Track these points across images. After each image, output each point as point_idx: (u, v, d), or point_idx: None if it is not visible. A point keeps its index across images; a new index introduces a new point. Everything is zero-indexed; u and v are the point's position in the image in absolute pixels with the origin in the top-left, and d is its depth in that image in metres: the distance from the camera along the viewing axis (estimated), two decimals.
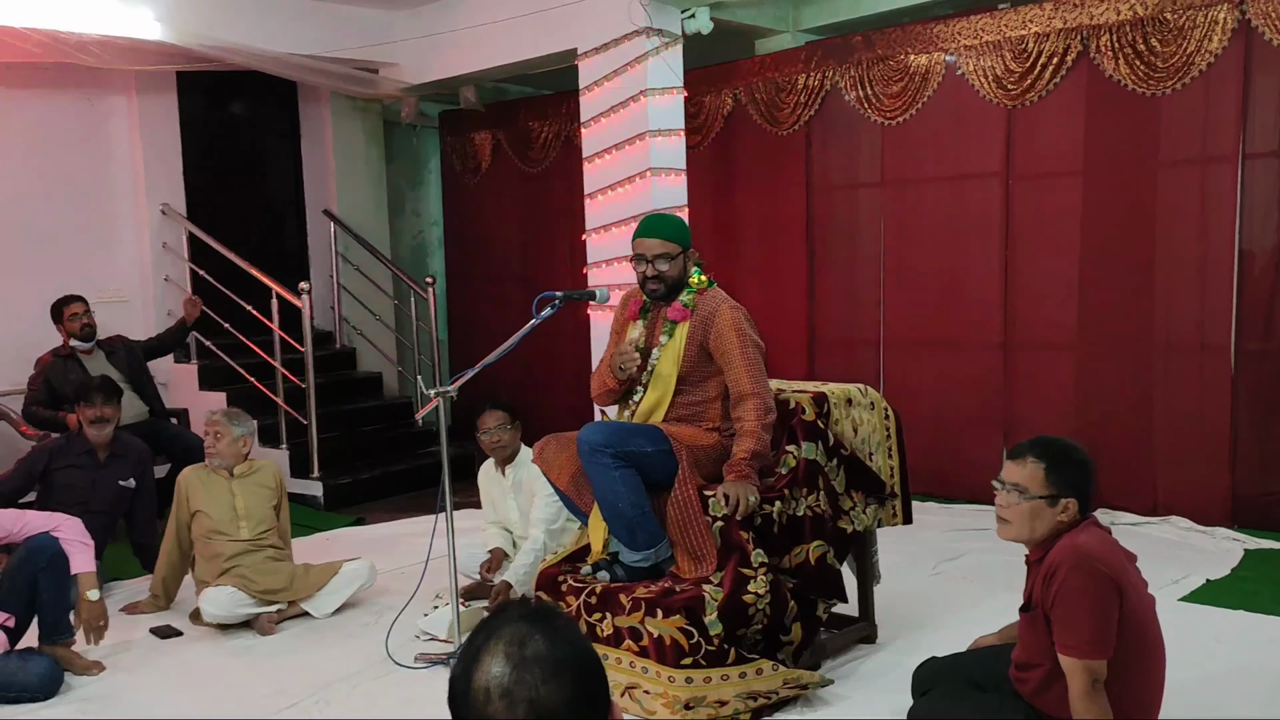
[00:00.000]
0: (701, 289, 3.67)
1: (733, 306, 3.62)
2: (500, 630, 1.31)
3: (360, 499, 6.80)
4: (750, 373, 3.55)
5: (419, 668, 3.83)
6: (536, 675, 1.26)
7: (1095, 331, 5.68)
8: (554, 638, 1.30)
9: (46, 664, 3.73)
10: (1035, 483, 2.68)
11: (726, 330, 3.57)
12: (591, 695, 1.30)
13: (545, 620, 1.33)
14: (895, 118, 6.25)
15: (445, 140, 8.88)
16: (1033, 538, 2.71)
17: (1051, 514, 2.67)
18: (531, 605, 1.38)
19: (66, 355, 5.86)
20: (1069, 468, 2.68)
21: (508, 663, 1.27)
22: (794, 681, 3.33)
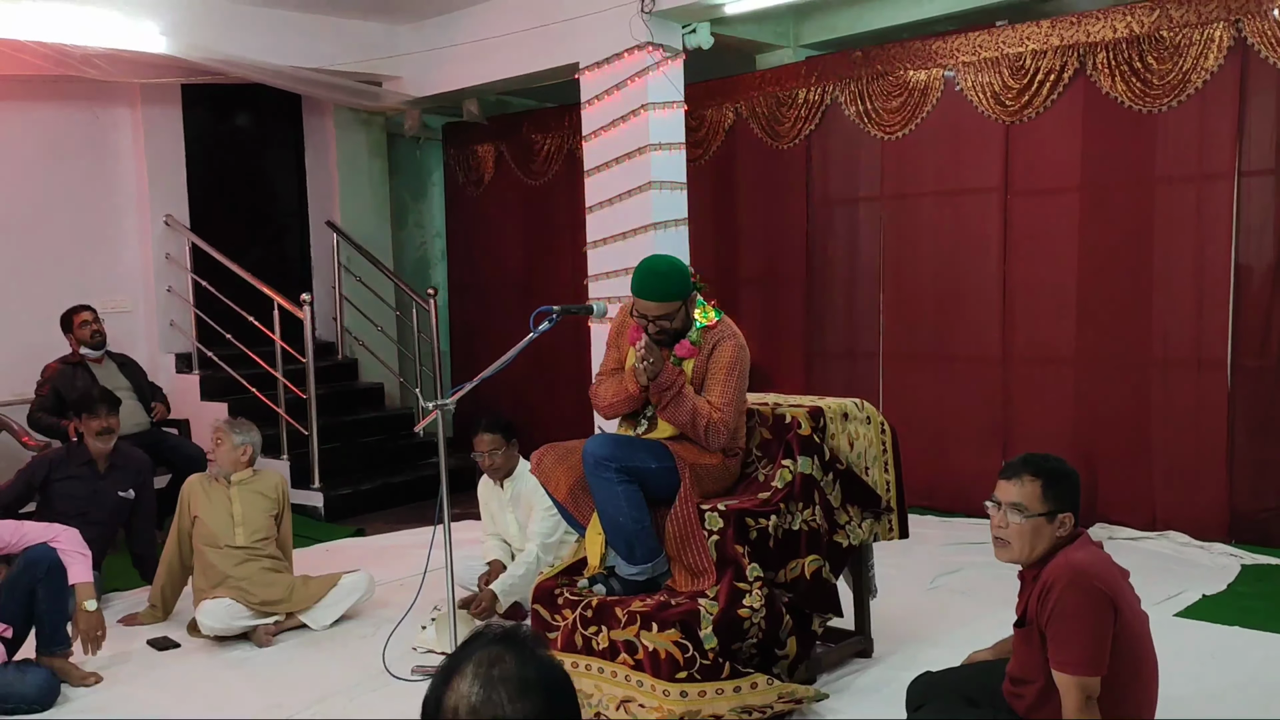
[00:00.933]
0: (710, 324, 3.66)
1: (736, 344, 3.62)
2: (472, 652, 1.34)
3: (361, 510, 6.82)
4: (722, 398, 3.55)
5: (415, 680, 3.84)
6: (503, 695, 1.28)
7: (1093, 347, 5.70)
8: (524, 659, 1.32)
9: (44, 675, 3.75)
10: (1034, 500, 2.69)
11: (719, 362, 3.60)
12: (559, 713, 1.32)
13: (516, 642, 1.35)
14: (895, 132, 6.28)
15: (448, 152, 8.92)
16: (1032, 557, 2.71)
17: (1050, 530, 2.68)
18: (505, 627, 1.40)
19: (76, 363, 5.89)
20: (1064, 483, 2.69)
21: (476, 682, 1.29)
22: (789, 696, 3.34)
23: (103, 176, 7.11)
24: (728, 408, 3.54)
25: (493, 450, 4.48)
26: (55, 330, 6.15)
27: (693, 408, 3.53)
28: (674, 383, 3.53)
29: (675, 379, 3.53)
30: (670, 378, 3.52)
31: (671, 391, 3.52)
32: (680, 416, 3.53)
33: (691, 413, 3.52)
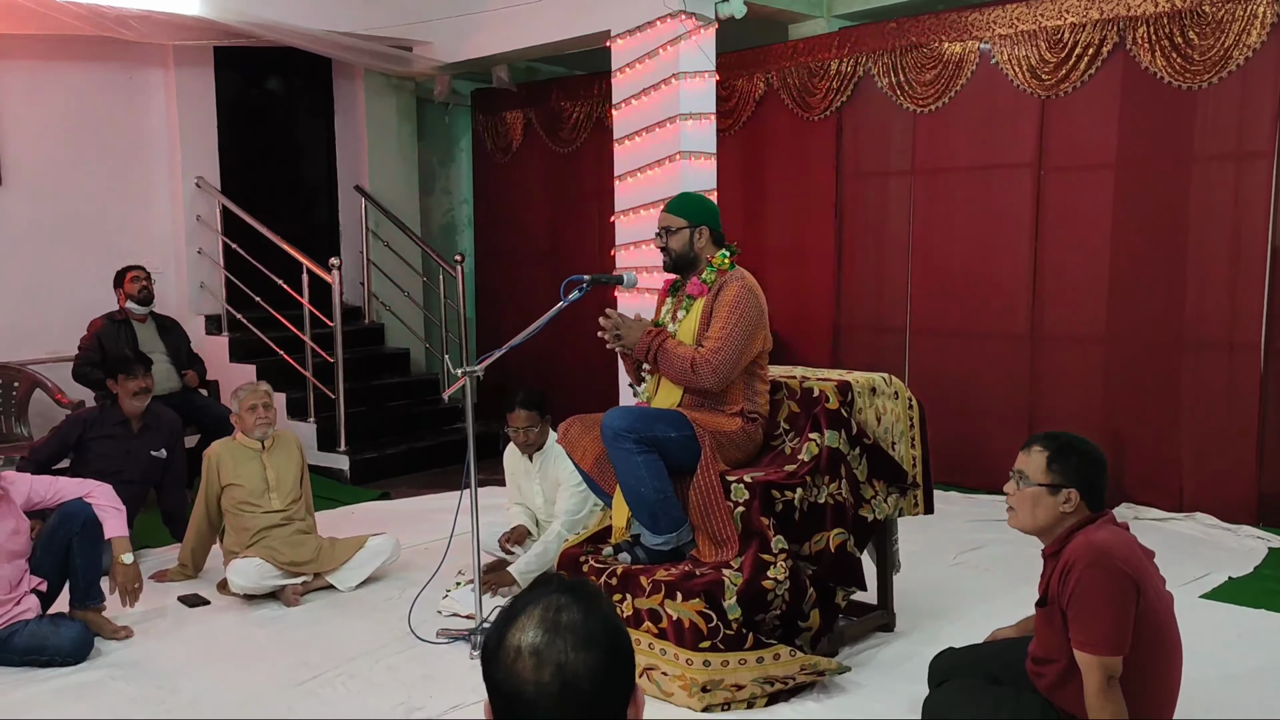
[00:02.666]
0: (723, 269, 3.69)
1: (744, 286, 3.62)
2: (539, 597, 1.36)
3: (386, 474, 6.88)
4: (716, 340, 3.54)
5: (441, 643, 3.88)
6: (568, 641, 1.30)
7: (1124, 326, 5.65)
8: (589, 611, 1.34)
9: (78, 629, 3.81)
10: (1037, 471, 2.69)
11: (725, 301, 3.60)
12: (618, 672, 1.34)
13: (584, 594, 1.37)
14: (927, 105, 6.21)
15: (477, 119, 8.91)
16: (1036, 525, 2.72)
17: (1052, 503, 2.67)
18: (571, 581, 1.42)
19: (120, 320, 5.96)
20: (1072, 458, 2.68)
21: (541, 626, 1.31)
22: (811, 668, 3.36)
23: (135, 137, 7.15)
24: (721, 344, 3.53)
25: (528, 427, 4.50)
26: (89, 291, 6.22)
27: (679, 356, 3.58)
28: (650, 345, 3.62)
29: (651, 341, 3.62)
30: (645, 343, 3.63)
31: (653, 352, 3.61)
32: (672, 371, 3.61)
33: (680, 361, 3.57)
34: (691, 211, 3.74)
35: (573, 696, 1.29)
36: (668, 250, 3.74)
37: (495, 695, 1.34)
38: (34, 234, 6.68)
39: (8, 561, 3.78)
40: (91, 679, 3.65)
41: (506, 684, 1.31)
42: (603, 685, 1.31)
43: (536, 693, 1.29)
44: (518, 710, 1.31)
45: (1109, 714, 2.51)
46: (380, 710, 3.33)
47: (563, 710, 1.29)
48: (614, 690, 1.34)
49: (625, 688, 1.35)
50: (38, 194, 6.70)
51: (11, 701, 3.42)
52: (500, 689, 1.32)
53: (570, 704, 1.29)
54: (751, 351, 3.62)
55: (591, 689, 1.30)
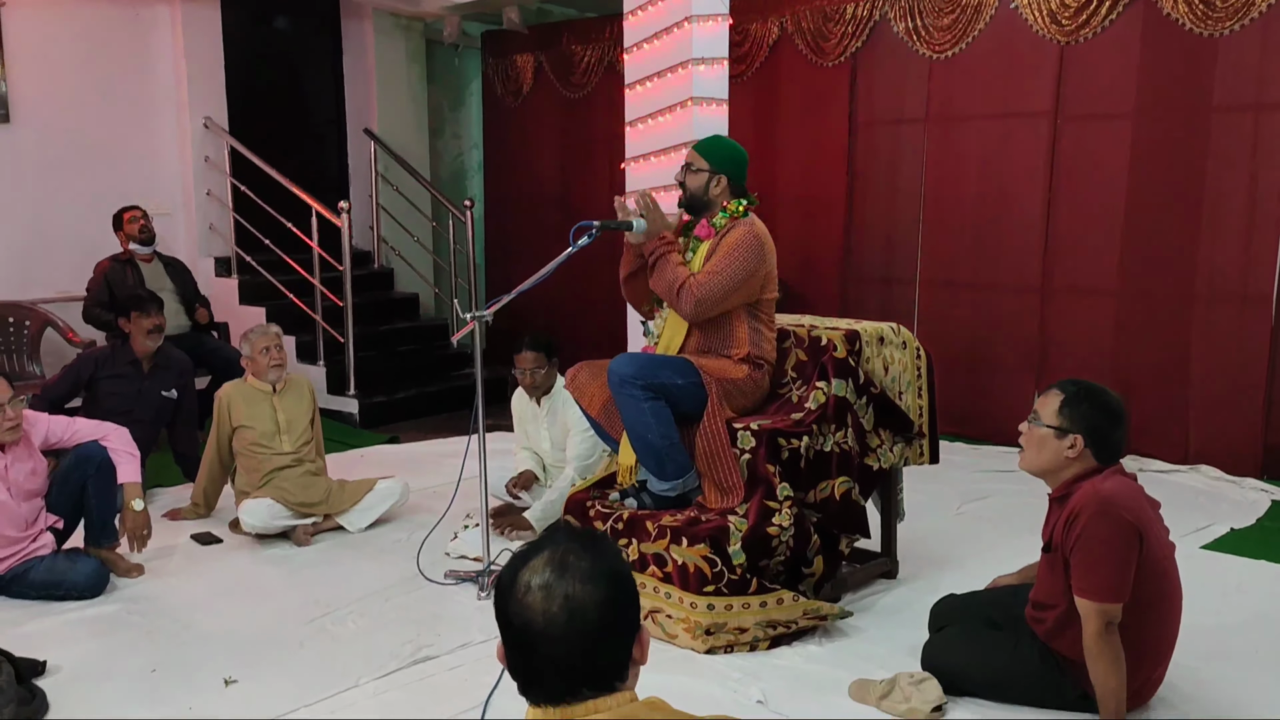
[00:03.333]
0: (736, 215, 3.67)
1: (749, 231, 3.59)
2: (548, 543, 1.45)
3: (394, 418, 6.92)
4: (708, 275, 3.52)
5: (449, 584, 3.94)
6: (576, 577, 1.39)
7: (1136, 277, 5.62)
8: (596, 555, 1.43)
9: (94, 565, 3.88)
10: (1048, 413, 2.72)
11: (727, 242, 3.59)
12: (623, 608, 1.42)
13: (591, 540, 1.46)
14: (944, 51, 6.14)
15: (487, 62, 8.82)
16: (1040, 466, 2.75)
17: (1057, 447, 2.69)
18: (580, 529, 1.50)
19: (125, 260, 5.98)
20: (1084, 406, 2.69)
21: (549, 566, 1.40)
22: (813, 612, 3.40)
23: (143, 76, 7.11)
24: (710, 278, 3.52)
25: (535, 368, 4.52)
26: (98, 231, 6.22)
27: (674, 274, 3.58)
28: (656, 250, 3.63)
29: (659, 247, 3.63)
30: (654, 246, 3.63)
31: (655, 256, 3.62)
32: (661, 283, 3.62)
33: (672, 278, 3.58)
34: (717, 157, 3.71)
35: (580, 626, 1.37)
36: (683, 186, 3.74)
37: (507, 630, 1.41)
38: (42, 172, 6.67)
39: (26, 500, 3.83)
40: (107, 613, 3.72)
41: (518, 617, 1.39)
42: (609, 618, 1.39)
43: (546, 623, 1.36)
44: (530, 641, 1.38)
45: (1106, 659, 2.55)
46: (389, 647, 3.39)
47: (571, 639, 1.37)
48: (619, 625, 1.41)
49: (631, 625, 1.41)
50: (45, 132, 6.67)
51: (28, 633, 3.49)
52: (512, 623, 1.40)
53: (578, 633, 1.37)
54: (742, 294, 3.60)
55: (598, 619, 1.37)
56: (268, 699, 3.06)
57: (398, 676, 3.20)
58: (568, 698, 1.38)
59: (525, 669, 1.41)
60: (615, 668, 1.40)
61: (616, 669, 1.40)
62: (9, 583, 3.78)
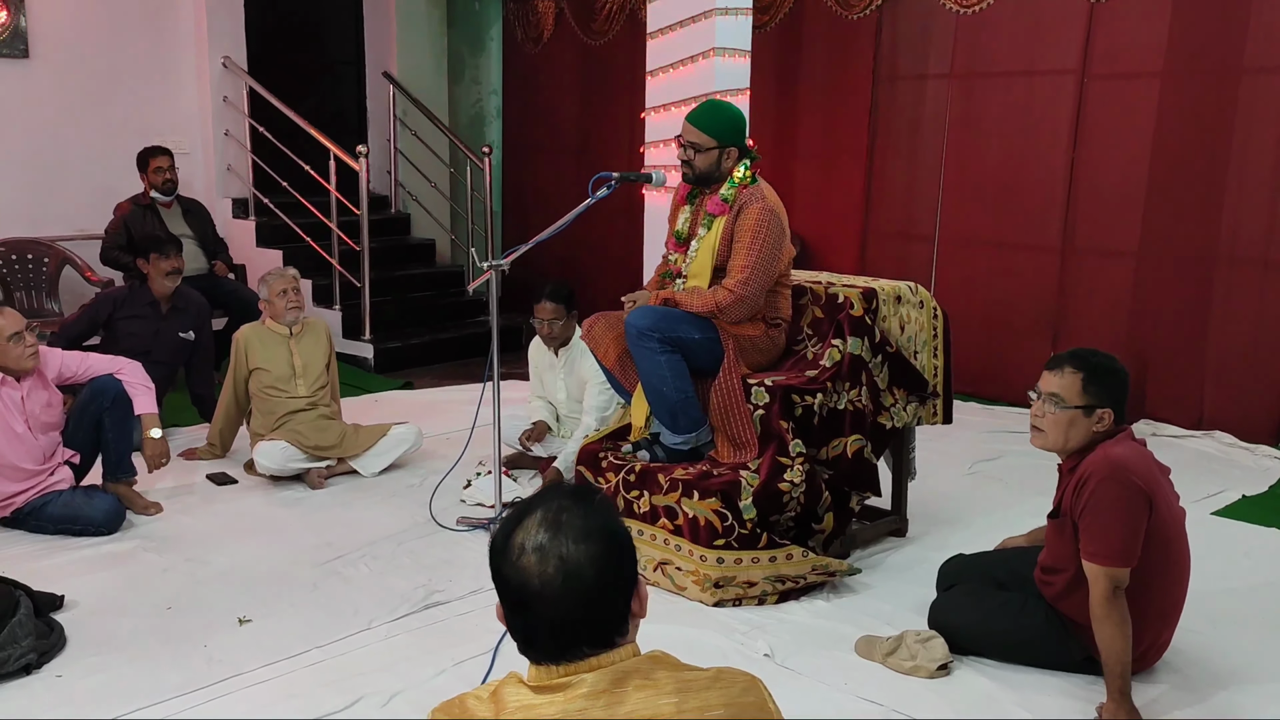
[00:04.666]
0: (744, 184, 3.61)
1: (765, 207, 3.53)
2: (542, 502, 1.44)
3: (409, 364, 6.95)
4: (743, 273, 3.49)
5: (460, 530, 3.98)
6: (567, 537, 1.38)
7: (1157, 240, 5.56)
8: (589, 512, 1.42)
9: (111, 501, 3.93)
10: (1072, 393, 2.69)
11: (746, 226, 3.53)
12: (618, 564, 1.41)
13: (584, 497, 1.45)
14: (971, 6, 6.03)
15: (508, 7, 8.72)
16: (1067, 447, 2.74)
17: (1087, 424, 2.69)
18: (573, 486, 1.48)
19: (146, 205, 5.98)
20: (1106, 378, 2.68)
21: (543, 526, 1.39)
22: (822, 568, 3.43)
23: (162, 15, 7.05)
24: (748, 275, 3.49)
25: (554, 319, 4.53)
26: (119, 168, 6.22)
27: (700, 301, 3.55)
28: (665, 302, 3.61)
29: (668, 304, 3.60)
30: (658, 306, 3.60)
31: (671, 305, 3.59)
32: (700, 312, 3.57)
33: (701, 304, 3.55)
34: (722, 130, 3.59)
35: (576, 585, 1.36)
36: (691, 166, 3.62)
37: (504, 590, 1.41)
38: (60, 109, 6.65)
39: (42, 433, 3.88)
40: (123, 549, 3.78)
41: (514, 578, 1.39)
42: (604, 575, 1.38)
43: (541, 584, 1.36)
44: (526, 604, 1.38)
45: (1113, 623, 2.56)
46: (401, 591, 3.43)
47: (567, 598, 1.36)
48: (615, 581, 1.40)
49: (627, 580, 1.42)
50: (65, 68, 6.64)
51: (46, 568, 3.54)
52: (509, 583, 1.40)
53: (574, 592, 1.36)
54: (776, 273, 3.60)
55: (594, 577, 1.37)
56: (281, 638, 3.11)
57: (409, 620, 3.25)
58: (568, 656, 1.39)
59: (523, 629, 1.41)
60: (614, 623, 1.40)
61: (615, 624, 1.40)
62: (27, 516, 3.84)
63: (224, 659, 3.00)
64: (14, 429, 3.77)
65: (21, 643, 2.87)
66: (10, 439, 3.76)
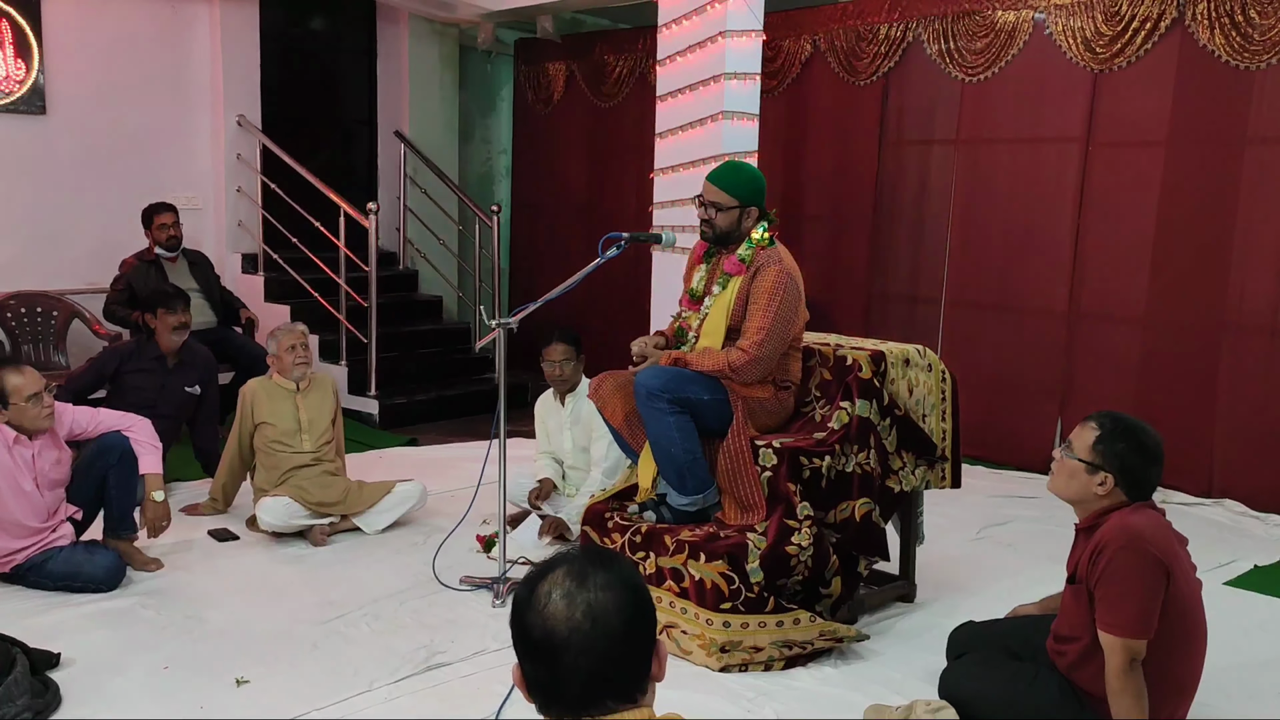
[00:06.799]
0: (761, 246, 3.63)
1: (783, 270, 3.56)
2: (565, 559, 1.44)
3: (414, 420, 6.93)
4: (758, 335, 3.50)
5: (464, 590, 3.93)
6: (596, 585, 1.38)
7: (1164, 307, 5.57)
8: (612, 567, 1.42)
9: (112, 558, 3.89)
10: (1082, 446, 2.69)
11: (763, 288, 3.54)
12: (642, 616, 1.41)
13: (605, 556, 1.46)
14: (977, 74, 6.11)
15: (519, 69, 8.85)
16: (1067, 496, 2.73)
17: (1087, 481, 2.66)
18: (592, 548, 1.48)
19: (150, 261, 6.01)
20: (1119, 445, 2.65)
21: (570, 576, 1.40)
22: (830, 634, 3.38)
23: (179, 72, 7.15)
24: (763, 338, 3.49)
25: (564, 360, 4.53)
26: (130, 223, 6.26)
27: (711, 361, 3.55)
28: (676, 362, 3.61)
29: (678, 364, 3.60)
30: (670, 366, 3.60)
31: (682, 366, 3.59)
32: (711, 372, 3.57)
33: (713, 365, 3.55)
34: (743, 191, 3.63)
35: (604, 632, 1.35)
36: (712, 225, 3.65)
37: (526, 644, 1.39)
38: (75, 164, 6.72)
39: (49, 490, 3.86)
40: (122, 606, 3.73)
41: (539, 628, 1.37)
42: (631, 625, 1.37)
43: (569, 630, 1.35)
44: (552, 653, 1.36)
45: (1129, 695, 2.51)
46: (403, 652, 3.38)
47: (595, 646, 1.35)
48: (640, 634, 1.40)
49: (650, 636, 1.41)
50: (80, 124, 6.72)
51: (44, 624, 3.50)
52: (532, 634, 1.38)
53: (602, 640, 1.35)
54: (790, 336, 3.60)
55: (621, 626, 1.36)
56: (279, 700, 3.06)
57: (410, 682, 3.20)
58: (591, 709, 1.36)
59: (548, 681, 1.38)
60: (637, 678, 1.39)
61: (638, 680, 1.39)
62: (27, 572, 3.80)
63: None
64: (22, 487, 3.75)
65: (17, 701, 2.83)
66: (17, 496, 3.74)
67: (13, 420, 3.71)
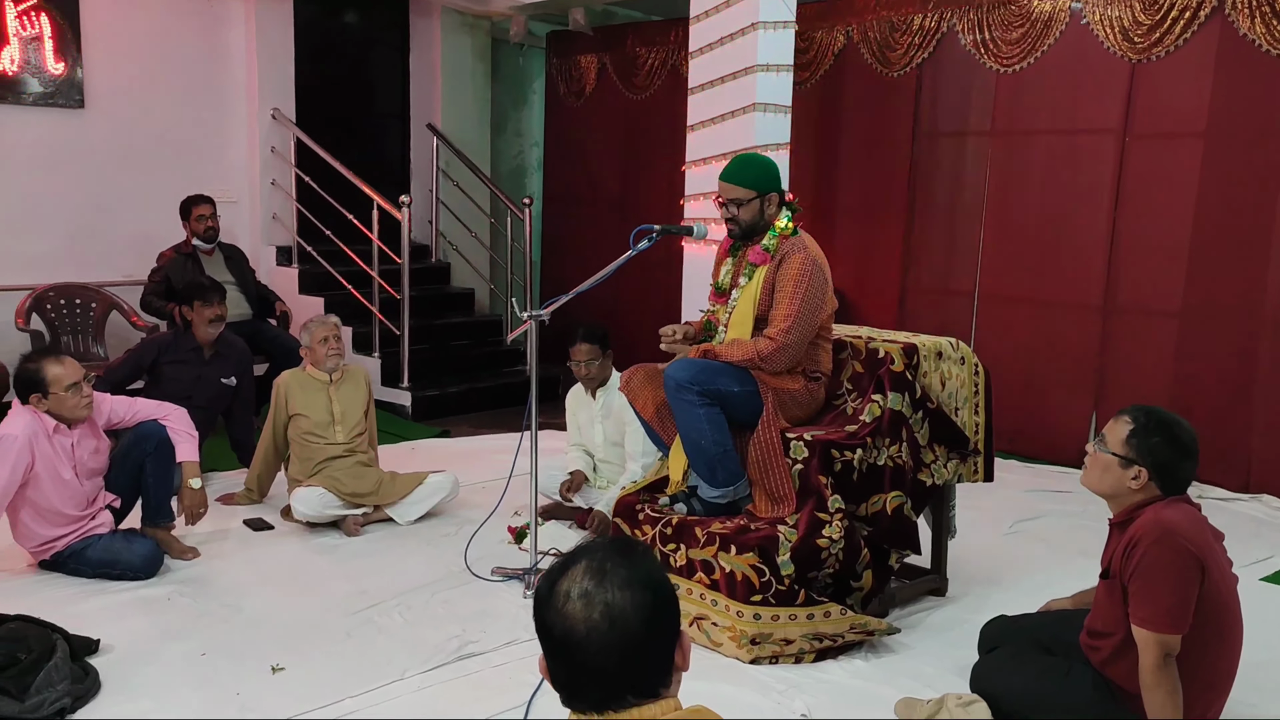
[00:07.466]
0: (785, 234, 3.62)
1: (807, 257, 3.55)
2: (586, 553, 1.44)
3: (446, 412, 6.98)
4: (785, 322, 3.49)
5: (495, 580, 3.95)
6: (614, 583, 1.38)
7: (1201, 300, 5.50)
8: (633, 562, 1.42)
9: (149, 546, 3.95)
10: (1115, 440, 2.66)
11: (789, 276, 3.54)
12: (664, 614, 1.41)
13: (627, 548, 1.45)
14: (1012, 65, 6.05)
15: (551, 62, 8.86)
16: (1100, 490, 2.71)
17: (1120, 475, 2.64)
18: (616, 539, 1.47)
19: (188, 254, 6.08)
20: (1153, 439, 2.63)
21: (589, 574, 1.40)
22: (861, 627, 3.37)
23: (214, 67, 7.23)
24: (790, 325, 3.49)
25: (590, 359, 4.54)
26: (166, 216, 6.34)
27: (740, 351, 3.54)
28: (705, 354, 3.60)
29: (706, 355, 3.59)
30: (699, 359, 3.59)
31: (712, 357, 3.58)
32: (740, 363, 3.56)
33: (742, 355, 3.54)
34: (758, 180, 3.62)
35: (623, 632, 1.36)
36: (737, 221, 3.65)
37: (548, 640, 1.40)
38: (113, 157, 6.81)
39: (88, 478, 3.92)
40: (159, 594, 3.79)
41: (558, 627, 1.38)
42: (649, 623, 1.37)
43: (587, 630, 1.36)
44: (571, 651, 1.37)
45: (1163, 691, 2.49)
46: (434, 641, 3.41)
47: (614, 647, 1.36)
48: (660, 630, 1.40)
49: (672, 630, 1.41)
50: (118, 118, 6.81)
51: (84, 611, 3.56)
52: (553, 633, 1.39)
53: (620, 640, 1.36)
54: (818, 323, 3.59)
55: (640, 626, 1.36)
56: (314, 687, 3.10)
57: (442, 671, 3.22)
58: (612, 705, 1.38)
59: (568, 678, 1.40)
60: (658, 674, 1.40)
61: (660, 675, 1.40)
62: (67, 559, 3.87)
63: (256, 707, 2.98)
64: (62, 475, 3.81)
65: (57, 686, 2.88)
66: (57, 485, 3.80)
67: (52, 409, 3.77)
